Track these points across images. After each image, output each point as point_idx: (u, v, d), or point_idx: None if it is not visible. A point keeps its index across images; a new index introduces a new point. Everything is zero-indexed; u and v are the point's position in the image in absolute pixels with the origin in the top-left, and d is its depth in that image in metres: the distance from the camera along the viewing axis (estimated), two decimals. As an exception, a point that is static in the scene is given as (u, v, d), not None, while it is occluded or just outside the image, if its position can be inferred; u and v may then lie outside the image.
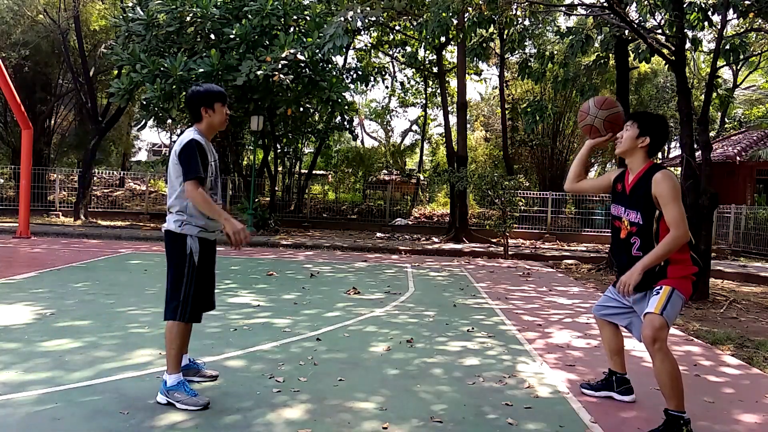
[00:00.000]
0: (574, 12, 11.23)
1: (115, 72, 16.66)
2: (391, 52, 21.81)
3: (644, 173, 3.24)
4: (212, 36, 13.78)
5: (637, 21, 9.54)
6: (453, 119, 17.66)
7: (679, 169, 8.13)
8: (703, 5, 8.29)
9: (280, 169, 20.58)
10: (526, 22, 13.54)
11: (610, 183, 3.50)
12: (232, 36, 13.44)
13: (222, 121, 3.39)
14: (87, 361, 3.91)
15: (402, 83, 26.38)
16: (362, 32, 18.84)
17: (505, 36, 17.44)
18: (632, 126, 3.30)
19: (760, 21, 11.08)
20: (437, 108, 26.26)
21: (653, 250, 3.11)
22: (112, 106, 17.45)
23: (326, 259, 10.72)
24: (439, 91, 20.17)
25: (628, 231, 3.27)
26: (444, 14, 8.61)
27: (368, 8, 10.48)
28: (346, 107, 15.65)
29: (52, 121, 20.57)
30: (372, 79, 19.60)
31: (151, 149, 40.21)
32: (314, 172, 22.05)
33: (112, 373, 3.69)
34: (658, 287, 3.13)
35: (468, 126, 18.36)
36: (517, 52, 16.69)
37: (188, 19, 13.49)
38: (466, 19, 10.59)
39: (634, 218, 3.24)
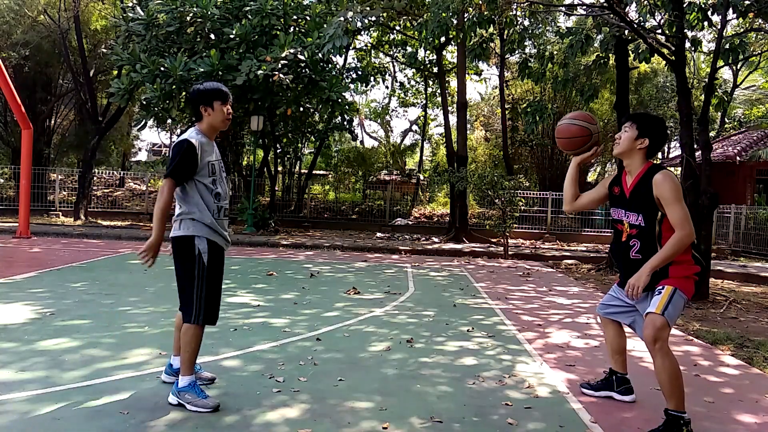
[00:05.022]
0: (574, 12, 11.23)
1: (115, 72, 16.65)
2: (391, 52, 21.80)
3: (644, 174, 3.20)
4: (212, 36, 13.78)
5: (637, 21, 9.54)
6: (453, 119, 17.65)
7: (679, 169, 8.13)
8: (703, 5, 8.29)
9: (280, 169, 20.58)
10: (526, 22, 13.52)
11: (606, 190, 3.46)
12: (232, 36, 13.44)
13: (222, 120, 3.34)
14: (86, 361, 3.90)
15: (402, 83, 26.38)
16: (362, 32, 18.84)
17: (505, 36, 17.44)
18: (631, 127, 3.25)
19: (760, 21, 11.07)
20: (437, 108, 26.24)
21: (660, 251, 3.07)
22: (112, 106, 17.45)
23: (326, 259, 10.72)
24: (439, 91, 20.17)
25: (629, 234, 3.24)
26: (444, 14, 8.60)
27: (368, 8, 10.48)
28: (346, 107, 15.65)
29: (52, 121, 20.57)
30: (372, 79, 19.60)
31: (151, 149, 40.22)
32: (314, 172, 22.05)
33: (111, 372, 3.69)
34: (660, 287, 3.11)
35: (468, 126, 18.35)
36: (517, 52, 16.67)
37: (188, 19, 13.49)
38: (466, 19, 10.58)
39: (635, 220, 3.21)
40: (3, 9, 17.67)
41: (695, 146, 8.03)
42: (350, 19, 9.26)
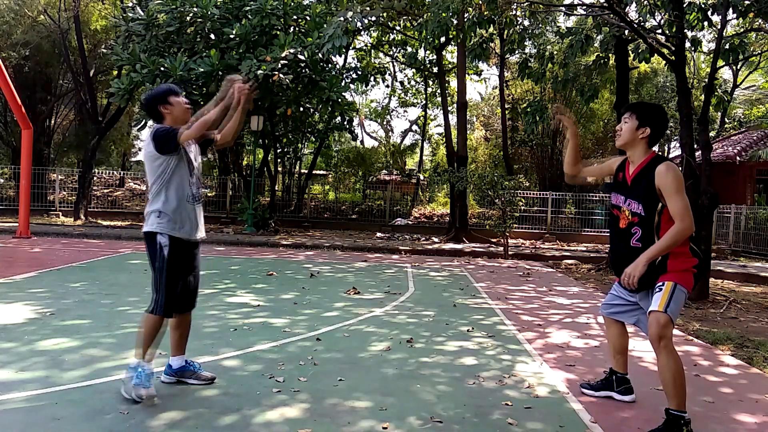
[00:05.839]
0: (574, 12, 11.23)
1: (115, 72, 16.66)
2: (391, 52, 21.80)
3: (647, 165, 3.21)
4: (212, 36, 13.78)
5: (637, 21, 9.54)
6: (453, 119, 17.65)
7: (679, 169, 8.12)
8: (703, 5, 8.29)
9: (280, 169, 20.58)
10: (526, 22, 13.52)
11: (612, 170, 3.46)
12: (232, 36, 13.43)
13: (183, 110, 3.50)
14: (85, 361, 3.91)
15: (402, 83, 26.38)
16: (362, 32, 18.84)
17: (505, 36, 17.44)
18: (631, 117, 3.27)
19: (760, 21, 11.07)
20: (437, 108, 26.25)
21: (658, 241, 3.07)
22: (112, 106, 17.44)
23: (326, 259, 10.72)
24: (439, 91, 20.17)
25: (629, 221, 3.24)
26: (444, 14, 8.60)
27: (368, 8, 10.48)
28: (346, 107, 15.65)
29: (52, 121, 20.57)
30: (372, 79, 19.60)
31: (151, 149, 40.14)
32: (314, 172, 22.04)
33: (111, 372, 3.69)
34: (660, 283, 3.11)
35: (468, 126, 18.35)
36: (517, 52, 16.68)
37: (188, 19, 13.49)
38: (466, 19, 10.59)
39: (635, 209, 3.21)
40: (3, 9, 17.68)
41: (695, 146, 8.03)
42: (350, 19, 9.26)
